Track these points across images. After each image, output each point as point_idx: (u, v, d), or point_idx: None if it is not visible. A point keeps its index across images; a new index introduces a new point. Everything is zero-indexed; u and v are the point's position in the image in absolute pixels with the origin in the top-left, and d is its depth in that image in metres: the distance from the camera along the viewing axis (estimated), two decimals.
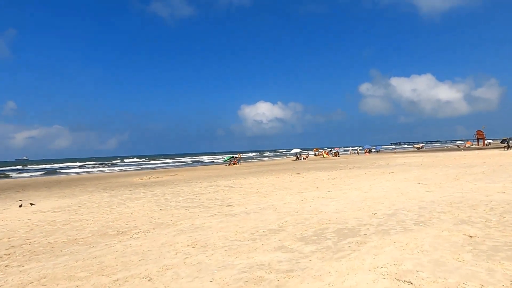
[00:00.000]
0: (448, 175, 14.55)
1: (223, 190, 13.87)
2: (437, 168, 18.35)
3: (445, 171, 16.25)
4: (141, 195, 13.95)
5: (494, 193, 9.09)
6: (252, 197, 11.20)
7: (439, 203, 8.08)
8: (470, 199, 8.38)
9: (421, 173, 16.21)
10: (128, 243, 6.03)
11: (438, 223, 6.09)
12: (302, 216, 7.44)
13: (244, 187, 14.38)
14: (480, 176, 13.46)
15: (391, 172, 17.77)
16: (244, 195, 11.88)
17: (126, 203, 11.54)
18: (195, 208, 9.63)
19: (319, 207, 8.44)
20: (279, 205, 9.15)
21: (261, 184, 15.24)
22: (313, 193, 11.15)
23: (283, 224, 6.77)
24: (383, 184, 12.66)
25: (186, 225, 7.25)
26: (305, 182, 15.24)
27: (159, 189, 16.03)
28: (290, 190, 12.53)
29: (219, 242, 5.68)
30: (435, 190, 10.18)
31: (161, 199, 12.02)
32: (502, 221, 5.96)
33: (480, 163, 20.30)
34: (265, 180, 17.44)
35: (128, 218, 8.55)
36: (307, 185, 13.73)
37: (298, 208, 8.57)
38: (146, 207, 10.37)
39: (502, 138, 50.11)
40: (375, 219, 6.72)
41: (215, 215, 8.23)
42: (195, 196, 12.45)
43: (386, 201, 8.82)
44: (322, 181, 14.98)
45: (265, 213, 8.17)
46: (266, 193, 12.05)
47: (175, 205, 10.48)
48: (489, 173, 14.43)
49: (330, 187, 12.72)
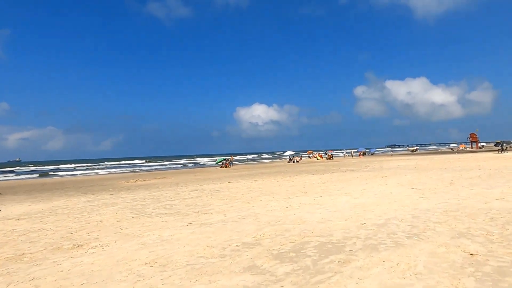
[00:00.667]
0: (443, 179, 13.93)
1: (207, 195, 13.08)
2: (431, 172, 17.76)
3: (439, 175, 15.65)
4: (120, 200, 13.10)
5: (493, 199, 8.45)
6: (235, 203, 10.44)
7: (434, 211, 7.40)
8: (467, 206, 7.71)
9: (415, 177, 15.58)
10: (79, 260, 5.23)
11: (433, 236, 5.39)
12: (284, 227, 6.69)
13: (230, 192, 13.61)
14: (476, 180, 12.85)
15: (384, 176, 17.13)
16: (227, 200, 11.11)
17: (100, 210, 10.70)
18: (170, 215, 8.84)
19: (304, 216, 7.71)
20: (261, 213, 8.40)
21: (248, 189, 14.47)
22: (300, 199, 10.42)
23: (260, 237, 6.02)
24: (375, 189, 11.99)
25: (153, 237, 6.47)
26: (294, 186, 14.51)
27: (141, 193, 15.19)
28: (276, 195, 11.79)
29: (183, 260, 4.91)
30: (430, 196, 9.51)
31: (138, 205, 11.20)
32: (505, 234, 5.28)
33: (475, 167, 19.77)
34: (253, 184, 16.68)
35: (93, 228, 7.73)
36: (295, 190, 13.00)
37: (281, 216, 7.83)
38: (118, 214, 9.55)
39: (495, 141, 49.99)
40: (363, 231, 6.00)
41: (189, 225, 7.45)
42: (176, 201, 11.65)
43: (377, 208, 8.12)
44: (312, 185, 14.27)
45: (244, 222, 7.41)
46: (251, 198, 11.29)
47: (150, 212, 9.68)
48: (485, 177, 13.84)
49: (319, 192, 12.00)
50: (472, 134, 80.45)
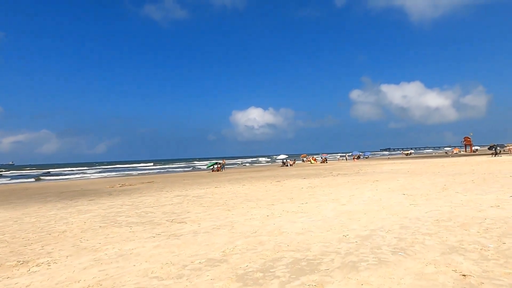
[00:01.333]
0: (435, 184, 13.38)
1: (189, 201, 12.38)
2: (424, 176, 17.23)
3: (432, 180, 15.12)
4: (96, 206, 12.36)
5: (487, 207, 7.88)
6: (215, 210, 9.76)
7: (425, 220, 6.80)
8: (460, 215, 7.12)
9: (407, 181, 15.03)
10: (14, 281, 4.53)
11: (421, 252, 4.77)
12: (258, 239, 6.04)
13: (213, 198, 12.92)
14: (470, 185, 12.32)
15: (375, 180, 16.56)
16: (207, 207, 10.43)
17: (70, 218, 9.97)
18: (141, 225, 8.14)
19: (284, 226, 7.06)
20: (238, 222, 7.74)
21: (233, 194, 13.80)
22: (284, 206, 9.78)
23: (229, 251, 5.36)
24: (365, 194, 11.39)
25: (111, 251, 5.77)
26: (282, 191, 13.87)
27: (121, 199, 14.44)
28: (260, 201, 11.14)
29: (132, 282, 4.23)
30: (421, 203, 8.92)
31: (113, 213, 10.48)
32: (501, 249, 4.68)
33: (468, 171, 19.30)
34: (240, 189, 16.01)
35: (51, 240, 7.01)
36: (281, 195, 12.36)
37: (258, 226, 7.18)
38: (87, 223, 8.83)
39: (489, 145, 49.90)
40: (344, 244, 5.37)
41: (157, 236, 6.77)
42: (154, 208, 10.94)
43: (363, 217, 7.50)
44: (300, 191, 13.64)
45: (216, 233, 6.74)
46: (233, 205, 10.63)
47: (122, 220, 8.97)
48: (479, 182, 13.32)
49: (306, 198, 11.37)
50: (466, 137, 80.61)
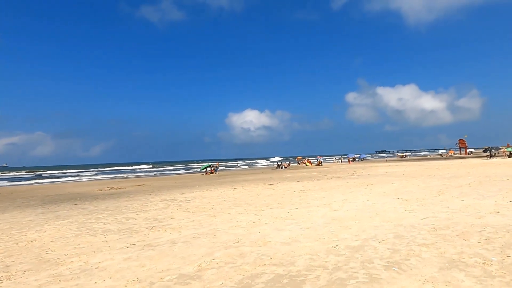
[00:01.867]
0: (431, 187, 12.96)
1: (175, 206, 11.82)
2: (419, 179, 16.83)
3: (428, 183, 14.70)
4: (77, 212, 11.74)
5: (487, 213, 7.43)
6: (200, 216, 9.22)
7: (421, 228, 6.32)
8: (458, 222, 6.66)
9: (402, 185, 14.60)
10: None
11: (417, 266, 4.28)
12: (240, 250, 5.51)
13: (201, 202, 12.37)
14: (467, 189, 11.90)
15: (369, 183, 16.12)
16: (192, 213, 9.88)
17: (45, 225, 9.36)
18: (117, 233, 7.57)
19: (269, 234, 6.54)
20: (222, 230, 7.20)
21: (222, 198, 13.26)
22: (273, 212, 9.27)
23: (206, 265, 4.82)
24: (358, 199, 10.91)
25: (75, 265, 5.21)
26: (273, 195, 13.36)
27: (106, 203, 13.82)
28: (249, 206, 10.61)
29: None
30: (416, 209, 8.46)
31: (92, 219, 9.88)
32: (506, 264, 4.20)
33: (464, 174, 18.95)
34: (230, 192, 15.47)
35: (16, 251, 6.42)
36: (271, 200, 11.84)
37: (243, 234, 6.65)
38: (61, 231, 8.23)
39: (484, 147, 49.92)
40: (333, 257, 4.86)
41: (131, 246, 6.21)
42: (136, 214, 10.36)
43: (355, 224, 7.01)
44: (291, 195, 13.13)
45: (196, 243, 6.20)
46: (220, 210, 10.09)
47: (99, 228, 8.39)
48: (475, 185, 12.92)
49: (296, 202, 10.87)
50: (461, 140, 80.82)
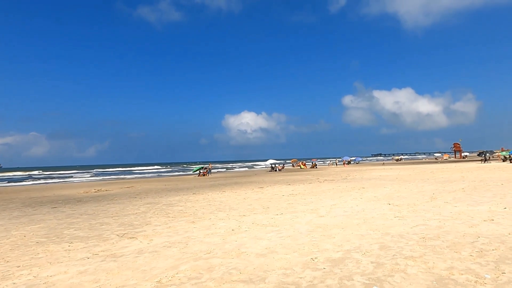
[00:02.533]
0: (424, 192, 12.52)
1: (156, 210, 11.26)
2: (412, 184, 16.41)
3: (421, 188, 14.27)
4: (53, 215, 11.14)
5: (480, 221, 6.98)
6: (178, 222, 8.67)
7: (409, 238, 5.84)
8: (450, 231, 6.19)
9: (395, 189, 14.16)
10: None
11: (401, 285, 3.78)
12: (209, 263, 4.98)
13: (184, 206, 11.82)
14: (460, 194, 11.48)
15: (361, 187, 15.66)
16: (171, 218, 9.33)
17: (13, 230, 8.76)
18: (85, 241, 7.01)
19: (246, 244, 6.02)
20: (196, 239, 6.67)
21: (207, 202, 12.72)
22: (256, 217, 8.75)
23: (166, 281, 4.29)
24: (348, 204, 10.44)
25: (23, 280, 4.64)
26: (260, 199, 12.84)
27: (86, 206, 13.22)
28: (233, 211, 10.08)
29: None
30: (407, 215, 7.99)
31: (65, 224, 9.30)
32: (501, 282, 3.72)
33: (458, 178, 18.58)
34: (217, 196, 14.92)
35: None
36: (258, 204, 11.33)
37: (217, 244, 6.12)
38: (26, 237, 7.65)
39: (479, 151, 49.82)
40: (309, 272, 4.35)
41: (92, 257, 5.65)
42: (113, 219, 9.80)
43: (340, 233, 6.52)
44: (280, 199, 12.63)
45: (164, 253, 5.66)
46: (201, 216, 9.55)
47: (68, 234, 7.81)
48: (469, 190, 12.51)
49: (283, 207, 10.36)
50: (456, 144, 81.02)
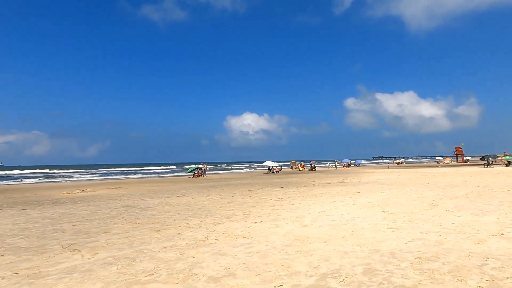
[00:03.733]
0: (423, 198, 11.43)
1: (127, 214, 10.21)
2: (412, 188, 15.30)
3: (420, 193, 13.17)
4: (11, 220, 10.10)
5: (488, 235, 5.89)
6: (141, 230, 7.62)
7: (402, 258, 4.76)
8: (452, 249, 5.11)
9: (392, 194, 13.06)
10: None
11: None
12: None
13: (160, 211, 10.77)
14: (463, 201, 10.38)
15: (356, 192, 14.57)
16: (137, 225, 8.28)
17: None
18: (19, 253, 5.95)
19: (203, 262, 4.95)
20: (149, 252, 5.60)
21: (186, 206, 11.66)
22: (231, 226, 7.68)
23: None
24: (338, 211, 9.36)
25: None
26: (245, 204, 11.78)
27: (56, 209, 12.18)
28: (209, 218, 9.02)
29: None
30: (402, 226, 6.91)
31: (15, 230, 8.26)
32: None
33: (461, 183, 17.46)
34: (201, 199, 13.86)
35: None
36: (239, 210, 10.26)
37: (169, 261, 5.06)
38: None
39: (481, 155, 48.60)
40: None
41: (8, 277, 4.59)
42: (73, 225, 8.75)
43: (320, 248, 5.44)
44: (265, 204, 11.56)
45: (97, 274, 4.59)
46: (171, 223, 8.49)
47: (7, 243, 6.76)
48: (473, 197, 11.41)
49: (265, 214, 9.30)
50: (458, 147, 79.69)
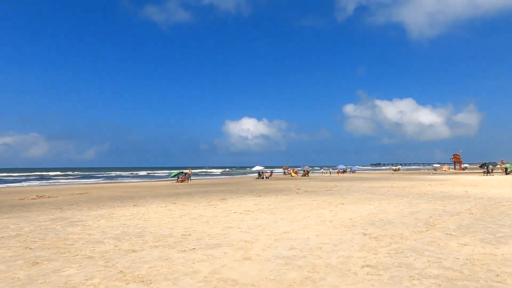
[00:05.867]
0: (418, 214, 9.33)
1: (44, 230, 8.05)
2: (405, 200, 13.20)
3: (415, 206, 11.07)
4: None
5: None
6: (15, 262, 5.46)
7: None
8: None
9: (381, 208, 10.95)
10: None
11: None
12: None
13: (88, 227, 8.62)
14: (467, 219, 8.29)
15: (341, 203, 12.46)
16: (27, 250, 6.12)
17: None
18: None
19: None
20: None
21: (123, 223, 9.51)
22: (145, 257, 5.55)
23: None
24: (307, 231, 7.24)
25: None
26: (200, 218, 9.64)
27: None
28: (135, 239, 6.87)
29: None
30: (384, 264, 4.80)
31: None
32: None
33: (461, 193, 15.38)
34: (156, 210, 11.69)
35: None
36: (183, 228, 8.13)
37: None
38: None
39: (481, 163, 46.67)
40: None
41: None
42: None
43: None
44: (224, 219, 9.43)
45: None
46: (72, 248, 6.34)
47: None
48: (479, 213, 9.33)
49: (211, 235, 7.17)
50: (455, 154, 77.87)
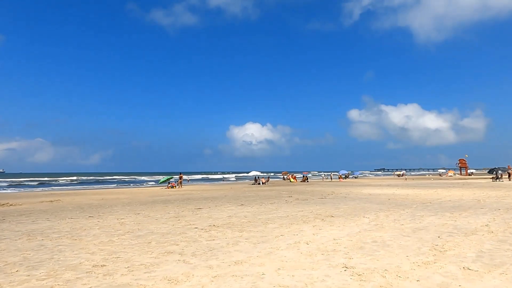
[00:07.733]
0: (421, 233, 7.33)
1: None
2: (407, 211, 11.18)
3: (418, 221, 9.07)
4: None
5: None
6: None
7: None
8: None
9: (376, 223, 8.96)
10: None
11: None
12: None
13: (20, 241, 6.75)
14: (489, 242, 6.30)
15: (330, 215, 10.48)
16: None
17: None
18: None
19: None
20: None
21: (64, 238, 7.63)
22: None
23: None
24: (270, 259, 5.31)
25: None
26: (149, 235, 7.74)
27: None
28: (39, 270, 5.00)
29: None
30: None
31: None
32: None
33: (473, 202, 13.33)
34: (109, 223, 9.80)
35: None
36: (102, 258, 6.23)
37: None
38: None
39: (489, 168, 44.28)
40: None
41: None
42: None
43: None
44: (172, 238, 7.52)
45: None
46: None
47: None
48: (500, 231, 7.34)
49: (136, 266, 5.26)
50: (461, 160, 75.18)
